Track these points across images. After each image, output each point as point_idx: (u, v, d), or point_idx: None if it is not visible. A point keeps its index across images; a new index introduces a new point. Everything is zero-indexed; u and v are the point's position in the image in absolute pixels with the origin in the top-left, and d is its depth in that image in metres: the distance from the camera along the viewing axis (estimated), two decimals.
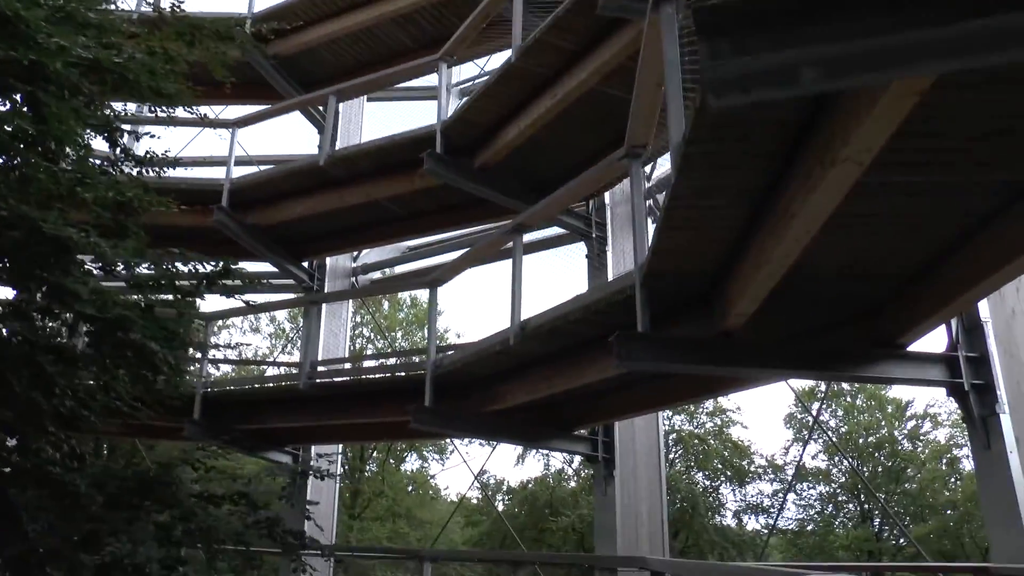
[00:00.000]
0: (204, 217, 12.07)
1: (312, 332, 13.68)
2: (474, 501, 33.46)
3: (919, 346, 6.37)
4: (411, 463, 33.91)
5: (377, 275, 16.25)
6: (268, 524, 7.46)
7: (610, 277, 10.84)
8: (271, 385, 11.13)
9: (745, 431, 29.76)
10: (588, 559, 11.77)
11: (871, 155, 3.43)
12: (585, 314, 6.69)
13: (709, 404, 29.30)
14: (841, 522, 27.71)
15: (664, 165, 11.99)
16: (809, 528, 28.33)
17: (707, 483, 29.24)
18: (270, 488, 8.28)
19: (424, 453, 33.13)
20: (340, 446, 14.33)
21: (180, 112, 10.99)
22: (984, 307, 6.69)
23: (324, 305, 14.23)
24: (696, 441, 28.81)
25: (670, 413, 29.40)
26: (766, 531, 28.46)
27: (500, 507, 32.07)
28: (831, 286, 5.93)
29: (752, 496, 29.11)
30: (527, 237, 13.37)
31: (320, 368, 12.49)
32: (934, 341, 7.04)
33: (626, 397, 8.88)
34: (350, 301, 15.08)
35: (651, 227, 7.29)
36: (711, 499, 28.67)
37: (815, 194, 3.76)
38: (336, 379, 10.57)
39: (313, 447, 13.40)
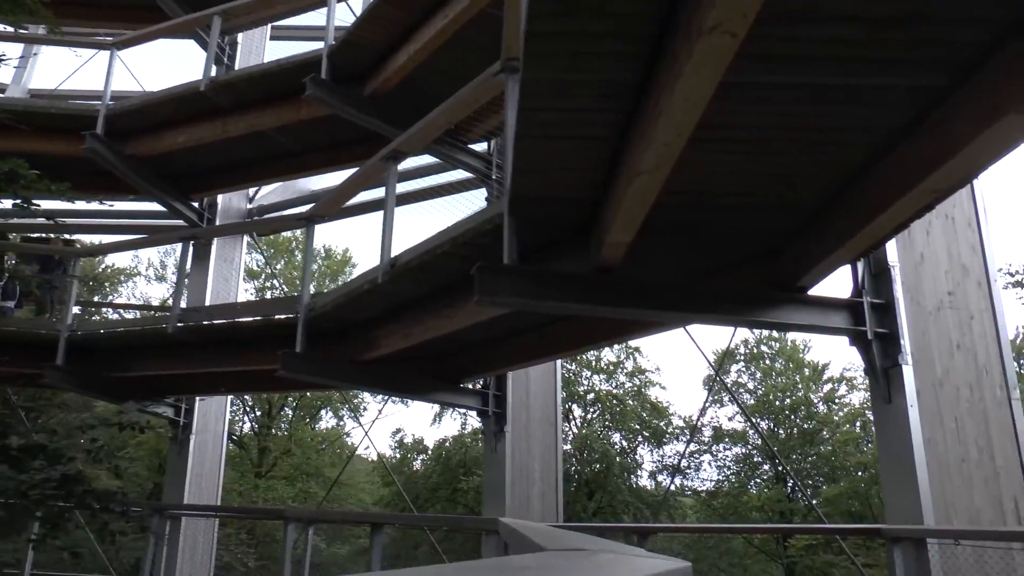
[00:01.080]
0: (79, 145, 11.04)
1: (192, 275, 12.76)
2: (394, 461, 32.82)
3: (823, 291, 5.84)
4: (326, 421, 33.03)
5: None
6: (63, 481, 6.59)
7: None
8: (140, 328, 10.17)
9: (663, 392, 29.57)
10: (448, 521, 11.21)
11: (746, 23, 2.75)
12: (453, 247, 5.99)
13: (628, 364, 29.00)
14: (756, 483, 27.75)
15: None
16: (724, 489, 28.29)
17: (624, 443, 28.99)
18: (74, 442, 7.36)
19: (339, 411, 32.24)
20: (228, 398, 13.45)
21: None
22: (892, 252, 6.16)
23: (214, 248, 13.31)
24: (614, 401, 28.48)
25: (589, 372, 29.07)
26: (681, 492, 28.44)
27: (417, 465, 31.49)
28: (724, 219, 5.31)
29: (669, 457, 28.98)
30: (428, 181, 12.68)
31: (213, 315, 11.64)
32: (839, 287, 6.53)
33: (513, 346, 8.26)
34: (244, 245, 14.15)
35: None
36: (628, 460, 28.42)
37: (682, 80, 3.07)
38: (211, 322, 9.68)
39: (197, 399, 12.55)
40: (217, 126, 10.85)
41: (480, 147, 10.22)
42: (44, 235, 13.74)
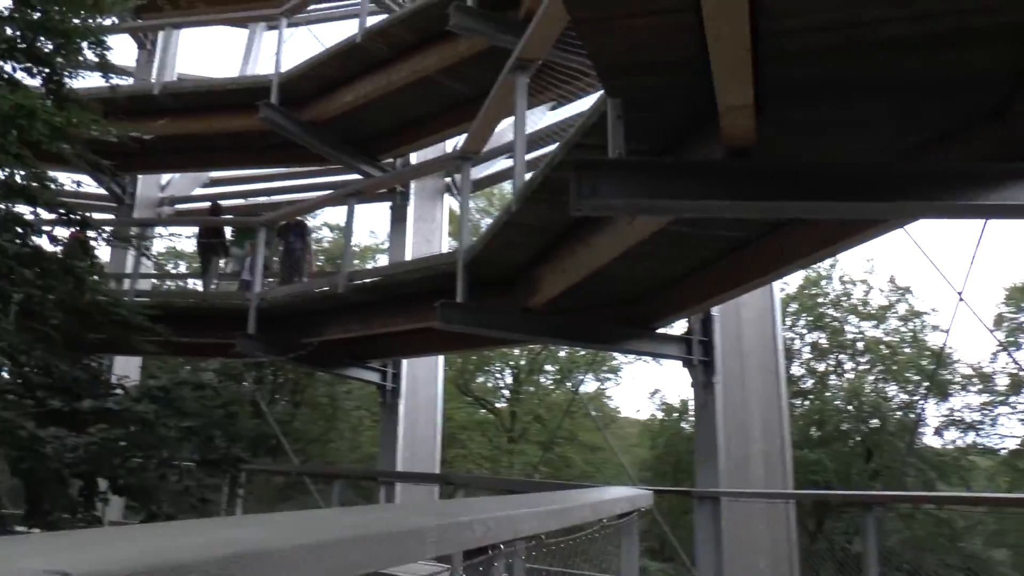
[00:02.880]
0: (254, 117, 10.93)
1: (391, 237, 12.41)
2: (657, 423, 31.58)
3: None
4: (587, 383, 32.23)
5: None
6: (101, 448, 6.10)
7: None
8: (311, 292, 9.88)
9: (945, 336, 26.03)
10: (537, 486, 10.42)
11: None
12: (567, 153, 4.84)
13: (901, 307, 25.78)
14: None
15: None
16: None
17: (904, 397, 25.89)
18: (143, 405, 6.92)
19: (599, 373, 31.38)
20: (439, 360, 13.01)
21: None
22: None
23: (411, 209, 12.92)
24: (886, 349, 25.43)
25: (856, 318, 26.22)
26: (974, 450, 24.95)
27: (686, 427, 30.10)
28: (908, 69, 3.76)
29: (957, 411, 25.48)
30: None
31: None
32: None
33: (698, 279, 6.92)
34: (445, 204, 13.61)
35: None
36: (908, 415, 25.36)
37: None
38: (375, 279, 9.16)
39: (404, 363, 12.18)
40: (381, 78, 10.48)
41: None
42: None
